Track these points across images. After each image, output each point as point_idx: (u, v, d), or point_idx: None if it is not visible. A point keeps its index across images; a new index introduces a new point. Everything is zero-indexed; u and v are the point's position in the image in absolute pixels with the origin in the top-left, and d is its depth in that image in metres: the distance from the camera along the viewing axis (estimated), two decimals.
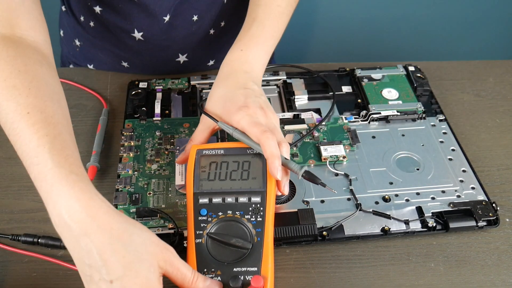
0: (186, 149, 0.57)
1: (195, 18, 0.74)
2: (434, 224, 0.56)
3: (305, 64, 0.79)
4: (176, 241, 0.53)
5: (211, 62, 0.82)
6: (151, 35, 0.74)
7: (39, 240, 0.54)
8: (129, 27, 0.74)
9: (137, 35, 0.74)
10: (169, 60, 0.78)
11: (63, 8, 0.81)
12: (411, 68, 0.74)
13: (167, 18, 0.72)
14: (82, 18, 0.76)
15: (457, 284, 0.52)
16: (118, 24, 0.73)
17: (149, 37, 0.75)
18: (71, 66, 0.86)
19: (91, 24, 0.76)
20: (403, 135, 0.66)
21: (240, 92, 0.56)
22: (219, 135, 0.63)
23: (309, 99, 0.71)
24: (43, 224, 0.56)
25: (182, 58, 0.78)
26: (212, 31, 0.78)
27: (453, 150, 0.64)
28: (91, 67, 0.82)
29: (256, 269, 0.47)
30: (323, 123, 0.66)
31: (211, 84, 0.72)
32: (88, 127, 0.68)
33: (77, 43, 0.80)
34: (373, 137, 0.66)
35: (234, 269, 0.47)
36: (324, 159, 0.61)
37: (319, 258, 0.54)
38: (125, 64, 0.79)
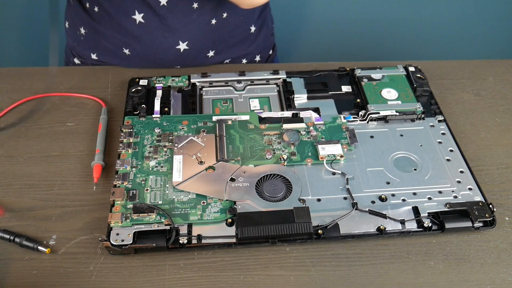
0: None
1: (195, 5, 0.76)
2: (430, 224, 0.56)
3: (305, 63, 0.79)
4: (172, 237, 0.53)
5: (211, 53, 0.82)
6: (152, 17, 0.76)
7: (14, 239, 0.54)
8: (129, 8, 0.75)
9: (138, 16, 0.76)
10: (169, 48, 0.79)
11: None
12: (411, 69, 0.74)
13: (163, 2, 0.73)
14: (87, 5, 0.79)
15: (456, 282, 0.52)
16: (120, 5, 0.75)
17: (149, 19, 0.76)
18: (75, 59, 0.87)
19: (96, 9, 0.78)
20: (401, 135, 0.66)
21: None
22: (217, 133, 0.64)
23: (308, 98, 0.71)
24: (44, 222, 0.57)
25: (182, 46, 0.79)
26: (213, 21, 0.79)
27: (451, 151, 0.64)
28: (94, 56, 0.83)
29: None
30: (322, 122, 0.66)
31: (211, 82, 0.73)
32: (89, 125, 0.69)
33: (82, 31, 0.82)
34: (372, 136, 0.66)
35: None
36: (322, 158, 0.62)
37: (319, 256, 0.54)
38: (126, 51, 0.80)
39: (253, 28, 0.86)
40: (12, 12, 1.29)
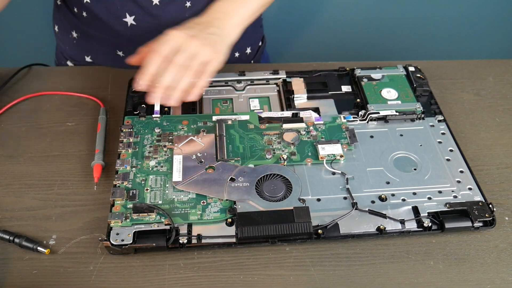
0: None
1: (188, 4, 0.76)
2: (430, 224, 0.56)
3: (305, 63, 0.79)
4: (172, 237, 0.53)
5: None
6: (143, 18, 0.76)
7: (14, 239, 0.54)
8: (120, 12, 0.75)
9: (129, 19, 0.75)
10: None
11: (58, 2, 0.82)
12: (411, 69, 0.74)
13: (155, 1, 0.73)
14: (75, 9, 0.78)
15: (456, 282, 0.53)
16: (109, 10, 0.74)
17: (140, 20, 0.76)
18: (68, 62, 0.86)
19: (84, 14, 0.77)
20: (401, 135, 0.66)
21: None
22: (217, 132, 0.64)
23: (308, 98, 0.71)
24: (44, 222, 0.57)
25: None
26: None
27: (451, 150, 0.64)
28: (88, 58, 0.83)
29: None
30: (321, 122, 0.66)
31: (211, 82, 0.73)
32: (89, 125, 0.69)
33: (74, 35, 0.82)
34: (371, 136, 0.66)
35: None
36: (321, 157, 0.62)
37: (319, 256, 0.54)
38: (120, 53, 0.80)
39: None
40: (13, 12, 1.29)
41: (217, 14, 0.65)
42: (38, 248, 0.54)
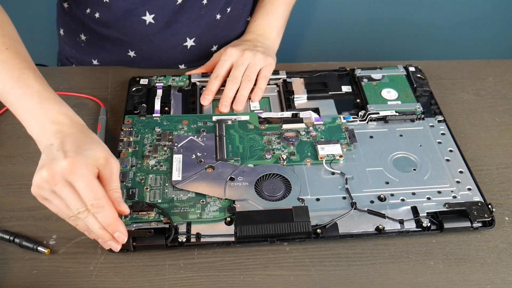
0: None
1: (204, 1, 0.76)
2: (429, 224, 0.56)
3: (305, 63, 0.79)
4: (171, 235, 0.53)
5: (214, 48, 0.83)
6: (162, 17, 0.76)
7: (14, 239, 0.54)
8: (140, 10, 0.75)
9: (148, 18, 0.76)
10: (177, 45, 0.80)
11: (65, 5, 0.81)
12: (412, 69, 0.75)
13: (180, 0, 0.74)
14: (88, 11, 0.77)
15: (456, 282, 0.53)
16: (129, 8, 0.74)
17: (159, 19, 0.76)
18: (73, 65, 0.86)
19: (96, 15, 0.76)
20: (401, 136, 0.66)
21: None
22: (217, 132, 0.64)
23: (308, 98, 0.71)
24: (44, 222, 0.57)
25: (189, 43, 0.80)
26: (218, 16, 0.80)
27: (450, 151, 0.64)
28: (95, 62, 0.83)
29: None
30: (321, 122, 0.66)
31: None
32: (89, 125, 0.67)
33: (83, 37, 0.81)
34: (371, 137, 0.66)
35: None
36: (321, 158, 0.62)
37: (319, 256, 0.54)
38: (131, 54, 0.80)
39: (249, 19, 0.87)
40: (13, 12, 1.29)
41: (258, 33, 0.78)
42: (38, 248, 0.54)
